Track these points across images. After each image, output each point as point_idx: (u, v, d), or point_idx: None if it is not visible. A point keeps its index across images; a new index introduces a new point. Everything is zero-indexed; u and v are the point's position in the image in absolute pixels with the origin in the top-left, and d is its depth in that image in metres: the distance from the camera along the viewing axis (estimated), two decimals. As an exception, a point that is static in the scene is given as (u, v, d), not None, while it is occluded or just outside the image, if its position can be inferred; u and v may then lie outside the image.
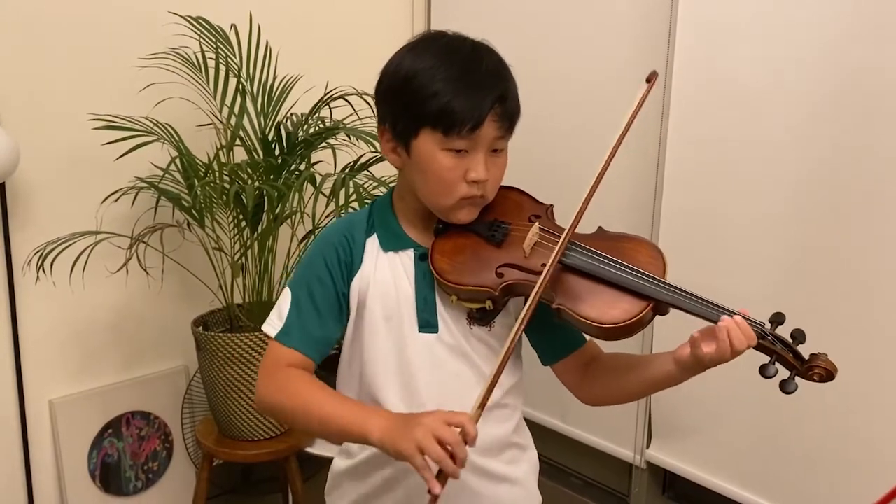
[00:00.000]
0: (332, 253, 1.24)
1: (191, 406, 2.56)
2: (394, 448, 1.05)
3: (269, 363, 1.23)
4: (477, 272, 1.17)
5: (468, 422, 1.03)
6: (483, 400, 1.06)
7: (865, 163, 1.83)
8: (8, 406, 2.26)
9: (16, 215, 2.19)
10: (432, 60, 1.15)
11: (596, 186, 1.15)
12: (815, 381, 1.08)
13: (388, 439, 1.06)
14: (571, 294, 1.12)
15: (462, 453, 1.02)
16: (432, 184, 1.17)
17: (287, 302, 1.25)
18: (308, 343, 1.22)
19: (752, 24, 1.99)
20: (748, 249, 2.06)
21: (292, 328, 1.23)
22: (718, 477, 2.24)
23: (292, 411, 1.19)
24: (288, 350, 1.22)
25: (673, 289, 1.10)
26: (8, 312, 2.21)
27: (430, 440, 1.01)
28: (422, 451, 1.01)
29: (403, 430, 1.05)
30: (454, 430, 1.03)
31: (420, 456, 1.01)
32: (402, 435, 1.04)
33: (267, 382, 1.22)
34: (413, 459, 1.02)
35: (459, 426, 1.03)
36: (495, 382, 1.07)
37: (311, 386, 1.19)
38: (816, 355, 1.08)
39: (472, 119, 1.12)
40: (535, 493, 1.37)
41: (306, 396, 1.18)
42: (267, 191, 2.07)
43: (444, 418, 1.04)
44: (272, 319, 1.25)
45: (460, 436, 1.02)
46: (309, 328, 1.23)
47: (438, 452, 1.00)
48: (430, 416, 1.05)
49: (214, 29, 2.23)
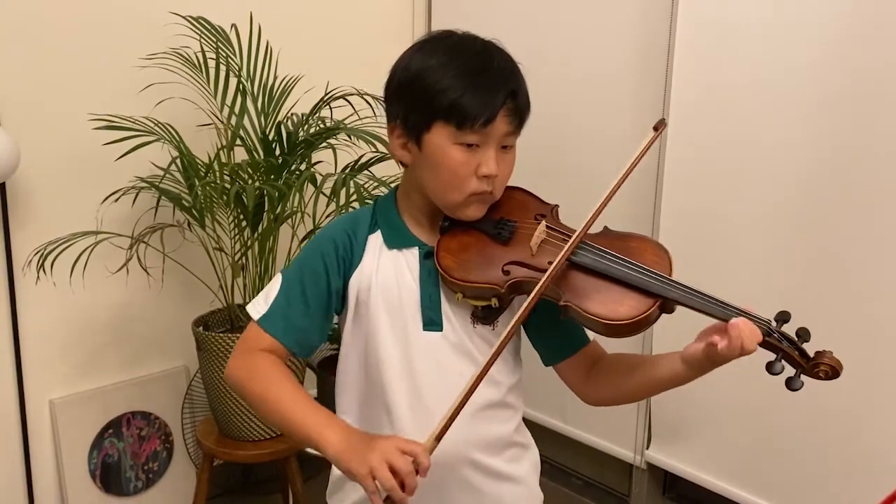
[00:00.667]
0: (331, 248, 1.24)
1: (191, 406, 2.56)
2: (346, 467, 1.08)
3: (246, 344, 1.24)
4: (483, 269, 1.17)
5: (422, 453, 1.05)
6: (440, 433, 1.07)
7: (865, 163, 1.84)
8: (8, 406, 2.26)
9: (16, 215, 2.19)
10: (445, 57, 1.16)
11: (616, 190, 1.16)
12: (821, 379, 1.08)
13: (343, 457, 1.08)
14: (578, 291, 1.13)
15: (412, 483, 1.04)
16: (444, 178, 1.18)
17: (276, 287, 1.25)
18: (288, 332, 1.23)
19: (752, 24, 1.99)
20: (748, 249, 2.07)
21: (276, 315, 1.24)
22: (718, 478, 2.24)
23: (254, 396, 1.20)
24: (266, 335, 1.23)
25: (680, 286, 1.11)
26: (8, 312, 2.21)
27: (382, 466, 1.03)
28: (373, 476, 1.03)
29: (358, 452, 1.06)
30: (407, 459, 1.04)
31: (371, 480, 1.04)
32: (356, 456, 1.06)
33: (238, 362, 1.23)
34: (364, 482, 1.04)
35: (413, 456, 1.04)
36: (457, 413, 1.08)
37: (279, 378, 1.20)
38: (822, 352, 1.08)
39: (486, 113, 1.13)
40: (537, 492, 1.37)
41: (273, 387, 1.18)
42: (267, 191, 2.07)
43: (399, 446, 1.05)
44: (258, 302, 1.26)
45: (413, 465, 1.04)
46: (293, 318, 1.23)
47: (389, 481, 1.03)
48: (387, 441, 1.07)
49: (215, 29, 2.23)
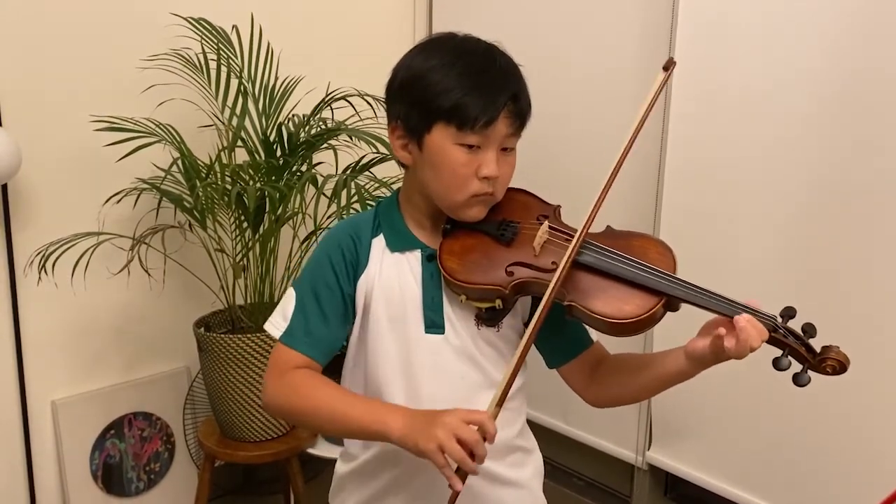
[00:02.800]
0: (338, 254, 1.24)
1: (192, 407, 2.56)
2: (415, 446, 1.07)
3: (277, 366, 1.23)
4: (487, 271, 1.17)
5: (487, 420, 1.05)
6: (501, 397, 1.08)
7: (866, 161, 1.83)
8: (10, 407, 2.26)
9: (18, 216, 2.19)
10: (447, 58, 1.16)
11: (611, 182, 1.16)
12: (828, 374, 1.08)
13: (409, 437, 1.08)
14: (583, 291, 1.13)
15: (481, 451, 1.04)
16: (444, 179, 1.18)
17: (291, 303, 1.25)
18: (313, 346, 1.23)
19: (753, 23, 1.99)
20: (750, 248, 2.06)
21: (297, 331, 1.23)
22: (719, 478, 2.24)
23: (305, 412, 1.20)
24: (294, 353, 1.22)
25: (684, 284, 1.11)
26: (10, 313, 2.21)
27: (450, 440, 1.03)
28: (442, 450, 1.03)
29: (424, 429, 1.06)
30: (473, 429, 1.04)
31: (441, 455, 1.04)
32: (422, 434, 1.06)
33: (276, 385, 1.22)
34: (435, 458, 1.04)
35: (478, 424, 1.05)
36: (513, 379, 1.09)
37: (323, 386, 1.20)
38: (829, 347, 1.08)
39: (487, 115, 1.13)
40: (540, 497, 1.37)
41: (320, 397, 1.18)
42: (268, 192, 2.07)
43: (463, 417, 1.06)
44: (276, 319, 1.26)
45: (479, 434, 1.04)
46: (314, 331, 1.23)
47: (459, 452, 1.03)
48: (450, 414, 1.06)
49: (216, 30, 2.23)
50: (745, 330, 1.05)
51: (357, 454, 1.32)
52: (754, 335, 1.05)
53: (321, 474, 2.59)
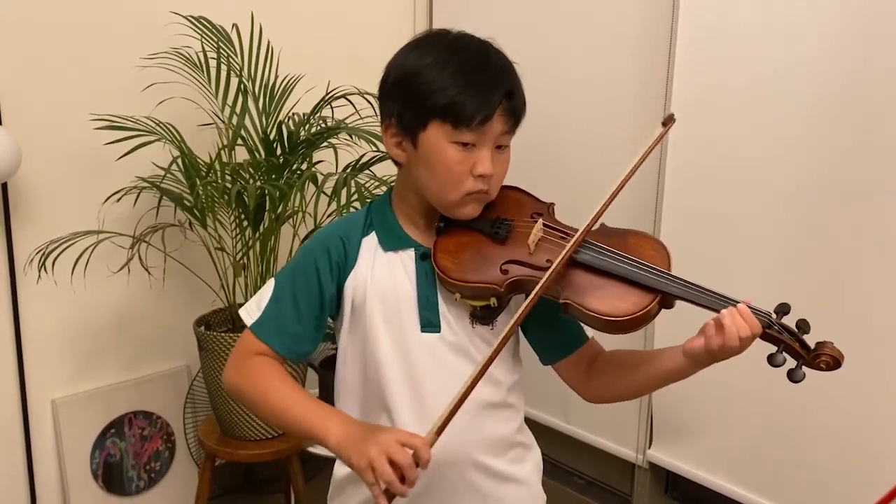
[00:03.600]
0: (324, 253, 1.24)
1: (193, 406, 2.56)
2: (347, 459, 1.09)
3: (240, 350, 1.26)
4: (481, 269, 1.17)
5: (422, 446, 1.05)
6: (441, 426, 1.07)
7: (866, 161, 1.83)
8: (10, 406, 2.26)
9: (18, 215, 2.19)
10: (441, 55, 1.16)
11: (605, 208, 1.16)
12: (823, 370, 1.08)
13: (344, 449, 1.10)
14: (578, 289, 1.13)
15: (411, 475, 1.04)
16: (439, 177, 1.17)
17: (268, 294, 1.26)
18: (280, 339, 1.24)
19: (753, 24, 1.98)
20: (749, 249, 2.06)
21: (268, 321, 1.24)
22: (720, 477, 2.23)
23: (254, 399, 1.22)
24: (258, 342, 1.24)
25: (679, 281, 1.11)
26: (10, 312, 2.22)
27: (381, 459, 1.04)
28: (373, 468, 1.04)
29: (359, 443, 1.08)
30: (407, 453, 1.05)
31: (371, 472, 1.05)
32: (356, 449, 1.07)
33: (234, 367, 1.25)
34: (364, 475, 1.06)
35: (413, 448, 1.05)
36: (457, 408, 1.08)
37: (276, 378, 1.21)
38: (823, 343, 1.09)
39: (482, 112, 1.13)
40: (540, 493, 1.37)
41: (270, 387, 1.20)
42: (268, 190, 2.07)
43: (399, 439, 1.06)
44: (250, 307, 1.27)
45: (413, 458, 1.04)
46: (284, 324, 1.24)
47: (388, 474, 1.04)
48: (387, 434, 1.08)
49: (216, 28, 2.23)
50: (730, 324, 1.05)
51: None
52: (741, 324, 1.05)
53: (321, 473, 2.59)
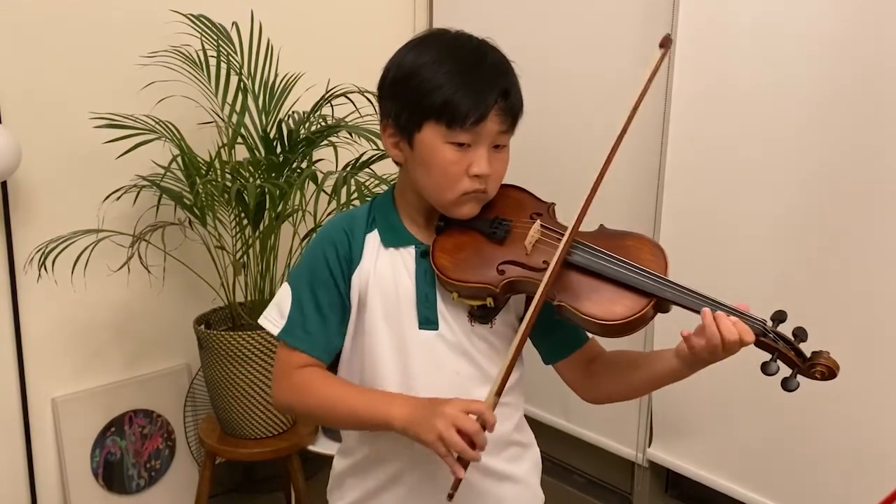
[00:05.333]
0: (332, 250, 1.24)
1: (193, 404, 2.56)
2: (416, 437, 1.10)
3: (281, 367, 1.26)
4: (478, 269, 1.17)
5: (486, 409, 1.07)
6: (499, 387, 1.10)
7: (867, 162, 1.82)
8: (11, 404, 2.27)
9: (17, 214, 2.19)
10: (437, 55, 1.16)
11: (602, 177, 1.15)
12: (818, 380, 1.07)
13: (411, 428, 1.11)
14: (573, 291, 1.12)
15: (481, 441, 1.07)
16: (435, 177, 1.17)
17: (288, 299, 1.25)
18: (313, 344, 1.24)
19: (753, 23, 1.98)
20: (749, 249, 2.06)
21: (296, 328, 1.24)
22: (720, 475, 2.23)
23: (312, 409, 1.23)
24: (296, 353, 1.24)
25: (674, 286, 1.10)
26: (10, 311, 2.22)
27: (450, 430, 1.06)
28: (443, 440, 1.06)
29: (424, 420, 1.09)
30: (473, 419, 1.06)
31: (442, 445, 1.06)
32: (423, 424, 1.09)
33: (283, 386, 1.25)
34: (436, 448, 1.07)
35: (478, 413, 1.07)
36: (511, 369, 1.11)
37: (327, 383, 1.22)
38: (819, 353, 1.07)
39: (477, 112, 1.12)
40: (538, 492, 1.37)
41: (325, 394, 1.21)
42: (268, 189, 2.07)
43: (462, 407, 1.08)
44: (272, 315, 1.26)
45: (479, 423, 1.06)
46: (312, 328, 1.23)
47: (459, 443, 1.05)
48: (449, 404, 1.09)
49: (216, 27, 2.23)
50: (710, 324, 1.05)
51: (355, 449, 1.32)
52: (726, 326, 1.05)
53: (321, 471, 2.59)
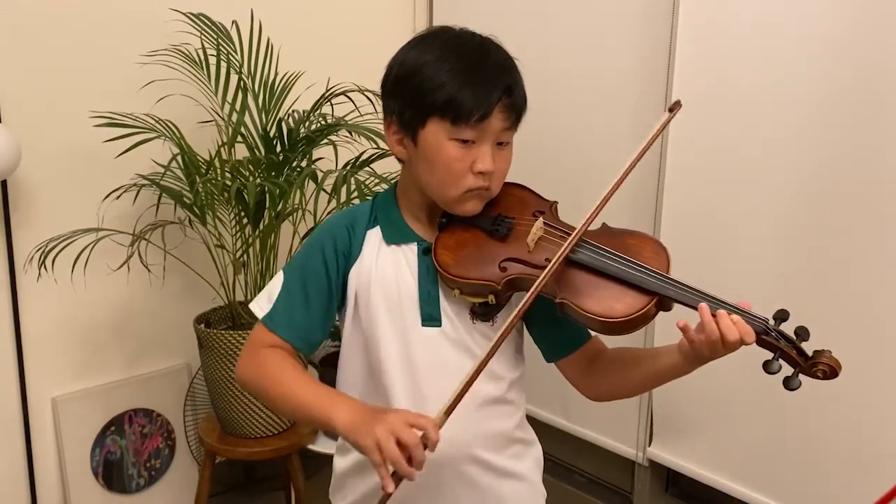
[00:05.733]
0: (330, 243, 1.25)
1: (193, 403, 2.56)
2: (354, 441, 1.08)
3: (253, 342, 1.26)
4: (480, 266, 1.17)
5: (431, 427, 1.04)
6: (450, 407, 1.06)
7: (866, 162, 1.83)
8: (10, 404, 2.26)
9: (17, 213, 2.19)
10: (441, 52, 1.16)
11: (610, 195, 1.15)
12: (819, 379, 1.07)
13: (351, 431, 1.08)
14: (575, 289, 1.12)
15: (419, 456, 1.03)
16: (439, 174, 1.17)
17: (278, 285, 1.26)
18: (291, 330, 1.24)
19: (753, 23, 1.98)
20: (749, 249, 2.06)
21: (278, 313, 1.25)
22: (720, 474, 2.24)
23: (265, 390, 1.22)
24: (271, 334, 1.24)
25: (677, 284, 1.10)
26: (10, 310, 2.21)
27: (389, 440, 1.02)
28: (380, 449, 1.03)
29: (366, 425, 1.06)
30: (415, 433, 1.03)
31: (378, 453, 1.03)
32: (364, 430, 1.06)
33: (246, 360, 1.26)
34: (371, 455, 1.04)
35: (421, 429, 1.04)
36: (465, 390, 1.07)
37: (285, 368, 1.21)
38: (821, 352, 1.07)
39: (481, 109, 1.12)
40: (540, 489, 1.37)
41: (282, 376, 1.20)
42: (268, 188, 2.07)
43: (407, 419, 1.05)
44: (261, 300, 1.28)
45: (421, 439, 1.03)
46: (294, 316, 1.24)
47: (395, 454, 1.02)
48: (395, 414, 1.06)
49: (215, 25, 2.23)
50: (709, 321, 1.05)
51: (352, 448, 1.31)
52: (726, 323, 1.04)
53: (322, 470, 2.59)
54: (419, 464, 1.03)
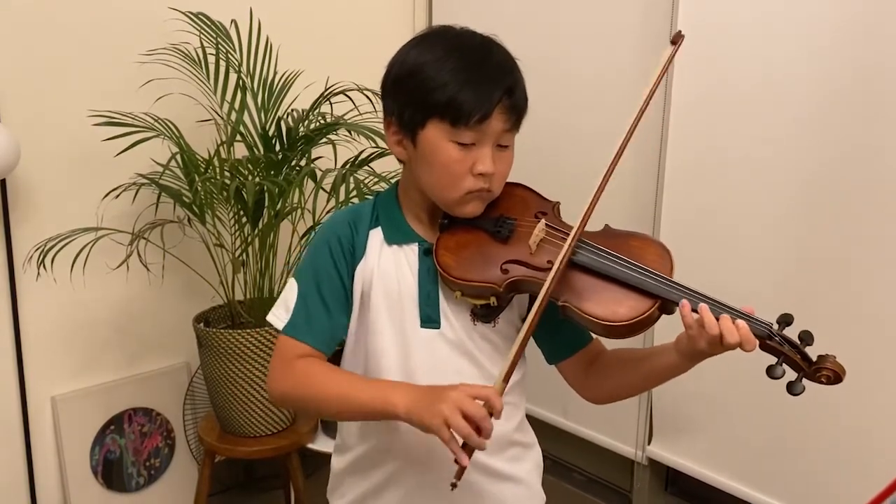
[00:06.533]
0: (336, 243, 1.24)
1: (192, 402, 2.56)
2: (420, 421, 1.06)
3: (281, 356, 1.23)
4: (482, 268, 1.16)
5: (493, 395, 1.04)
6: (507, 373, 1.07)
7: (867, 162, 1.83)
8: (10, 403, 2.26)
9: (17, 212, 2.19)
10: (441, 52, 1.15)
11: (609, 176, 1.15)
12: (823, 384, 1.06)
13: (415, 414, 1.07)
14: (577, 291, 1.12)
15: (487, 426, 1.03)
16: (438, 176, 1.17)
17: (293, 294, 1.24)
18: (316, 336, 1.22)
19: (752, 23, 1.98)
20: (749, 249, 2.06)
21: (300, 321, 1.23)
22: (719, 473, 2.24)
23: (312, 398, 1.19)
24: (299, 343, 1.22)
25: (680, 287, 1.10)
26: (9, 309, 2.21)
27: (455, 415, 1.02)
28: (448, 425, 1.02)
29: (429, 405, 1.05)
30: (479, 404, 1.03)
31: (447, 429, 1.02)
32: (427, 409, 1.05)
33: (281, 375, 1.22)
34: (440, 433, 1.03)
35: (485, 399, 1.04)
36: (519, 355, 1.08)
37: (327, 372, 1.20)
38: (825, 357, 1.06)
39: (481, 111, 1.11)
40: (539, 492, 1.36)
41: (325, 382, 1.18)
42: (267, 187, 2.07)
43: (469, 392, 1.04)
44: (278, 311, 1.25)
45: (485, 409, 1.03)
46: (316, 321, 1.23)
47: (464, 427, 1.02)
48: (455, 389, 1.05)
49: (214, 24, 2.22)
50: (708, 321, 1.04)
51: (352, 446, 1.31)
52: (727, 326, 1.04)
53: (321, 469, 2.59)
54: (488, 433, 1.03)
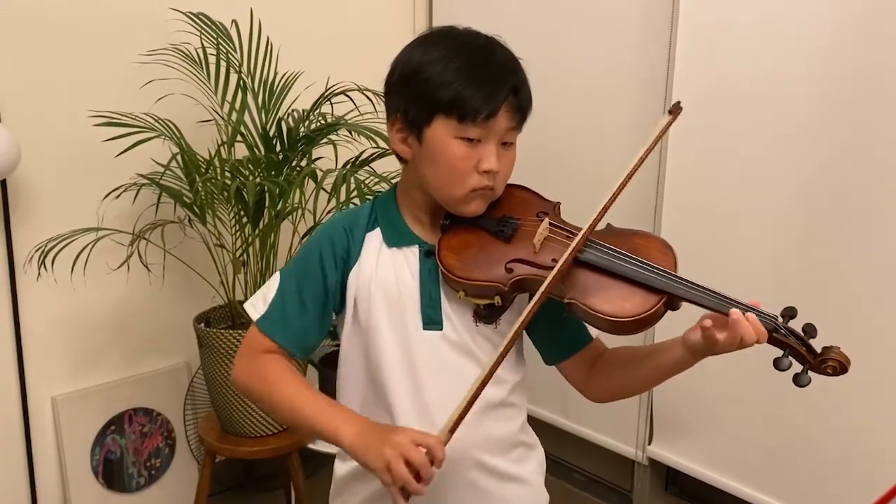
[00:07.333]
0: (328, 246, 1.24)
1: (193, 403, 2.56)
2: (363, 461, 1.10)
3: (249, 347, 1.26)
4: (486, 267, 1.16)
5: (436, 444, 1.06)
6: (454, 424, 1.08)
7: (867, 161, 1.83)
8: (10, 403, 2.26)
9: (17, 212, 2.19)
10: (447, 51, 1.16)
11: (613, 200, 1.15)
12: (829, 375, 1.07)
13: (359, 451, 1.11)
14: (583, 288, 1.12)
15: (427, 474, 1.06)
16: (444, 173, 1.17)
17: (274, 288, 1.26)
18: (286, 334, 1.24)
19: (753, 23, 1.98)
20: (749, 248, 2.06)
21: (273, 316, 1.25)
22: (720, 473, 2.24)
23: (267, 398, 1.23)
24: (266, 339, 1.25)
25: (685, 283, 1.10)
26: (10, 309, 2.21)
27: (398, 461, 1.05)
28: (389, 469, 1.05)
29: (373, 446, 1.09)
30: (422, 452, 1.06)
31: (387, 473, 1.06)
32: (371, 450, 1.09)
33: (243, 367, 1.26)
34: (381, 476, 1.07)
35: (427, 447, 1.06)
36: (470, 405, 1.09)
37: (285, 376, 1.22)
38: (829, 348, 1.07)
39: (488, 108, 1.12)
40: (543, 492, 1.36)
41: (284, 387, 1.21)
42: (268, 187, 2.07)
43: (413, 439, 1.07)
44: (256, 301, 1.28)
45: (427, 457, 1.05)
46: (290, 320, 1.24)
47: (404, 474, 1.05)
48: (401, 434, 1.08)
49: (215, 25, 2.22)
50: (738, 323, 1.04)
51: None
52: (746, 328, 1.04)
53: (322, 470, 2.59)
54: (427, 481, 1.06)
